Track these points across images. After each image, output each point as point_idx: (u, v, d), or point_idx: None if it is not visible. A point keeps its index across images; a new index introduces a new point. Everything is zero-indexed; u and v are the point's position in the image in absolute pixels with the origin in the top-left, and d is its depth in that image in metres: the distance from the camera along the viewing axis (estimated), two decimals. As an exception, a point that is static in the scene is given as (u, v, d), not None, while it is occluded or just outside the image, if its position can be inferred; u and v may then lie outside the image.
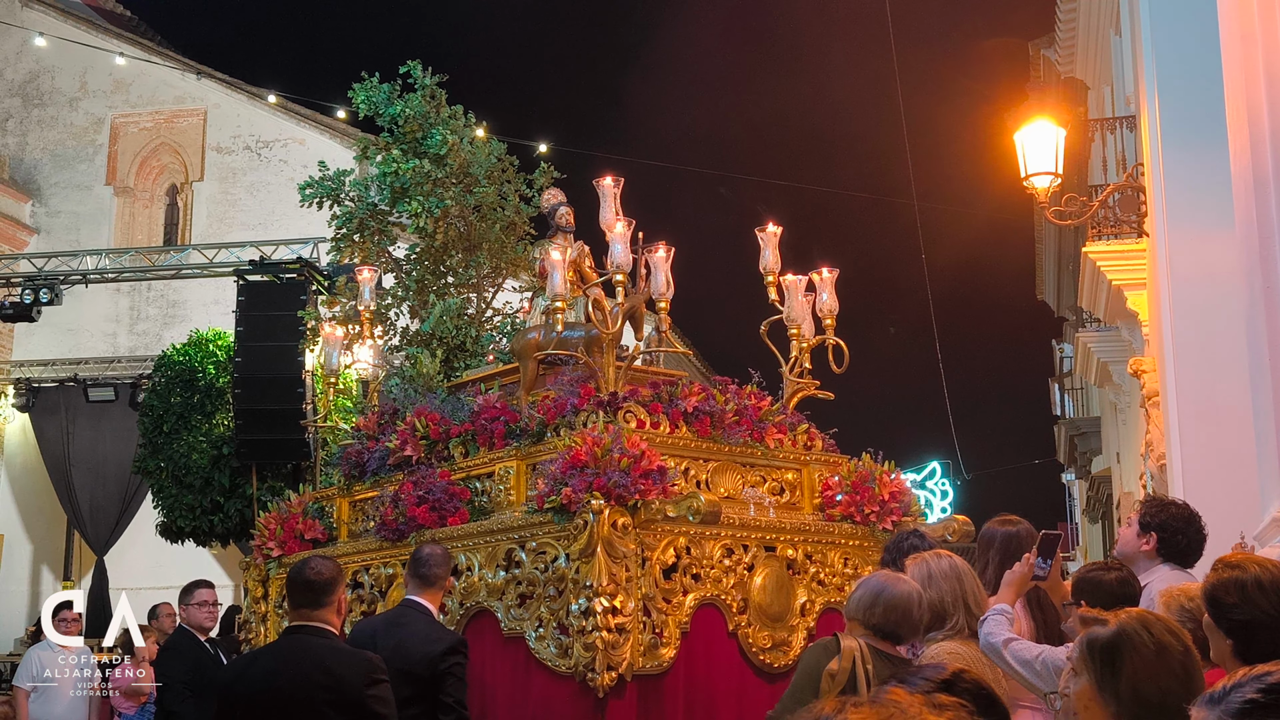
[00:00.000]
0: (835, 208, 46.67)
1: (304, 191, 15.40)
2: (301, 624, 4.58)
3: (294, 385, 14.74)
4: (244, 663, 4.95)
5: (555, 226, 7.69)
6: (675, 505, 5.64)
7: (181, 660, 7.54)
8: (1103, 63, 15.59)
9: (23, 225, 21.63)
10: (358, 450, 7.36)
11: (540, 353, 6.84)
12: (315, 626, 4.55)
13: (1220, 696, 1.98)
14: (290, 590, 4.71)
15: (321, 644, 4.52)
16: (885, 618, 4.28)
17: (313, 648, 4.50)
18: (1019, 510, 5.34)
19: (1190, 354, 9.28)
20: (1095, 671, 2.68)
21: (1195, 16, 9.52)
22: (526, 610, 5.89)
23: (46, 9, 22.13)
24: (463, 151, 14.42)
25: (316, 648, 4.50)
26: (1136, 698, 2.64)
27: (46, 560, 21.34)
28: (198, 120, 21.86)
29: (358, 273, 8.76)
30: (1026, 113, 10.13)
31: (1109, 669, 2.67)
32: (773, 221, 6.98)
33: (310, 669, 4.42)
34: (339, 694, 4.37)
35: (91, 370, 20.32)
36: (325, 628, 4.56)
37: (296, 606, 4.63)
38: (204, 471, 16.36)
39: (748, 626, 6.01)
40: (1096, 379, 16.31)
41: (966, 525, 6.45)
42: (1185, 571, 4.95)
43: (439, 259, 14.43)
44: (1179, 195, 9.41)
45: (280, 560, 7.33)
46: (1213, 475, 8.82)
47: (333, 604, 4.59)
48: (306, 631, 4.55)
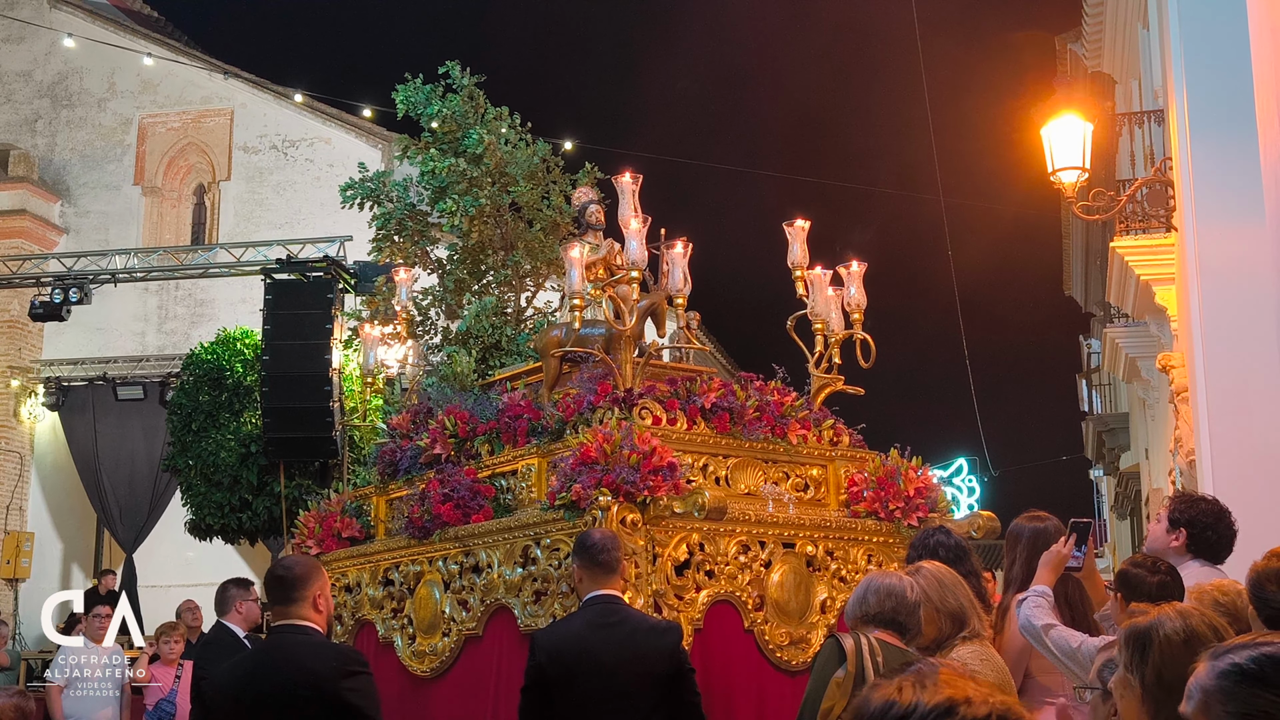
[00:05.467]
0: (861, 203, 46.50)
1: (345, 193, 15.50)
2: (282, 623, 4.58)
3: (321, 383, 14.80)
4: (229, 667, 4.95)
5: (586, 224, 7.71)
6: (682, 501, 5.63)
7: (223, 655, 7.56)
8: (1130, 57, 15.51)
9: (52, 225, 21.76)
10: (392, 449, 7.41)
11: (559, 350, 6.86)
12: (294, 625, 4.54)
13: (1220, 653, 2.01)
14: (266, 590, 4.72)
15: (299, 640, 4.51)
16: (880, 606, 4.31)
17: (291, 645, 4.51)
18: (1047, 507, 5.32)
19: (1219, 349, 9.22)
20: (1126, 656, 2.73)
21: (1224, 10, 9.46)
22: (542, 607, 5.88)
23: (75, 10, 22.25)
24: (499, 151, 14.49)
25: (294, 644, 4.50)
26: (1159, 682, 2.66)
27: (77, 558, 21.48)
28: (224, 120, 21.95)
29: (395, 273, 8.79)
30: (1053, 107, 10.08)
31: (1138, 654, 2.71)
32: (801, 216, 6.98)
33: (287, 666, 4.43)
34: (315, 689, 4.37)
35: (120, 369, 20.45)
36: (304, 624, 4.54)
37: (273, 604, 4.64)
38: (232, 469, 16.46)
39: (764, 624, 5.97)
40: (1125, 374, 16.23)
41: (992, 521, 6.42)
42: (1215, 568, 4.92)
43: (477, 258, 14.49)
44: (1208, 189, 9.35)
45: (319, 558, 7.36)
46: (1243, 470, 8.77)
47: (307, 599, 4.55)
48: (285, 630, 4.56)
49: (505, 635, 6.09)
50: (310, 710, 4.36)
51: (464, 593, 6.41)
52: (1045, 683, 4.94)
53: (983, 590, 4.95)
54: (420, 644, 6.62)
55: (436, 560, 6.63)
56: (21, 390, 21.08)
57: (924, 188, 43.77)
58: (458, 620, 6.41)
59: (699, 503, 5.56)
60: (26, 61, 22.62)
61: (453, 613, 6.45)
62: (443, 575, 6.57)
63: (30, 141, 22.31)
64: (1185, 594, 4.24)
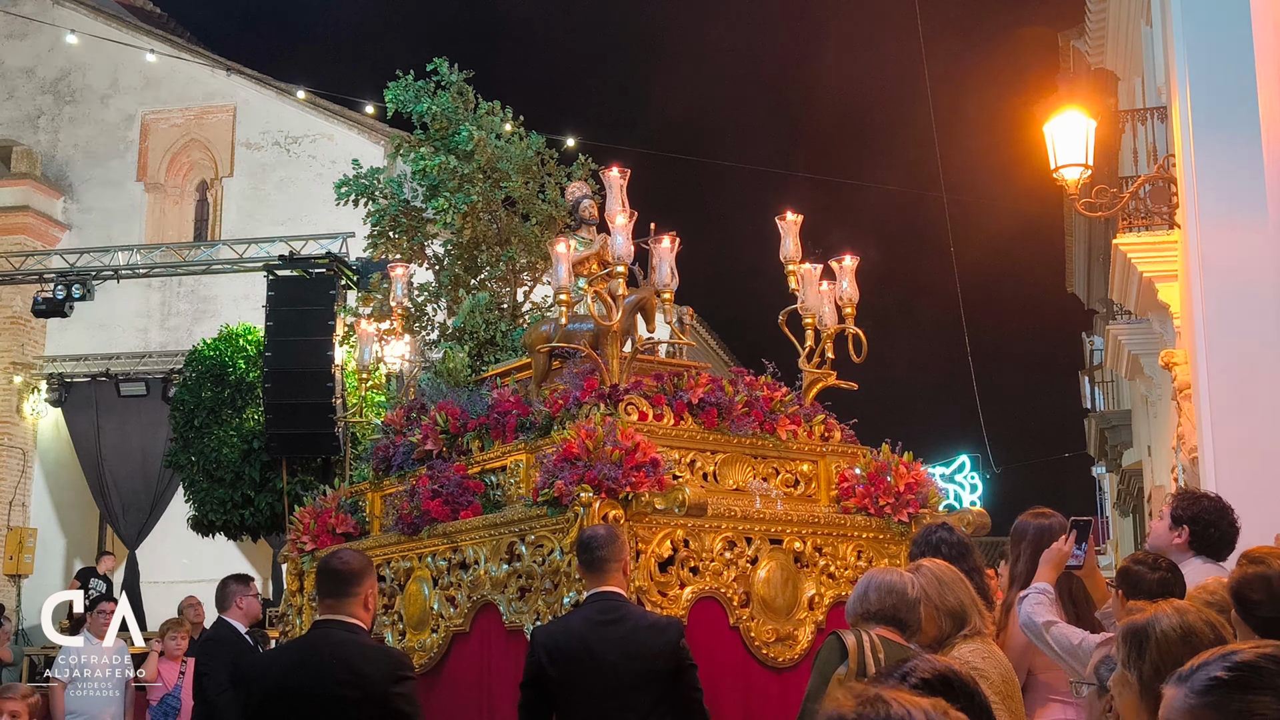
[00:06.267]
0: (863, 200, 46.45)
1: (339, 189, 15.49)
2: (328, 618, 4.50)
3: (323, 379, 14.81)
4: (270, 657, 4.87)
5: (579, 219, 7.69)
6: (663, 498, 5.59)
7: (225, 651, 7.55)
8: (1133, 53, 15.46)
9: (55, 222, 21.76)
10: (385, 445, 7.39)
11: (547, 345, 6.83)
12: (342, 621, 4.47)
13: (1188, 675, 1.95)
14: (318, 581, 4.67)
15: (348, 639, 4.44)
16: (881, 603, 4.29)
17: (339, 643, 4.42)
18: (1049, 504, 5.29)
19: (1222, 346, 9.20)
20: (1124, 653, 2.72)
21: (1227, 7, 9.44)
22: (526, 603, 5.87)
23: (78, 6, 22.22)
24: (490, 146, 14.47)
25: (342, 643, 4.42)
26: (1157, 677, 2.62)
27: (80, 554, 21.48)
28: (227, 117, 21.93)
29: (391, 269, 8.77)
30: (1056, 104, 10.07)
31: (1135, 651, 2.70)
32: (792, 210, 6.92)
33: (335, 665, 4.35)
34: (363, 691, 4.30)
35: (123, 365, 20.44)
36: (353, 622, 4.47)
37: (323, 598, 4.57)
38: (234, 466, 16.46)
39: (750, 620, 5.93)
40: (1127, 371, 16.18)
41: (982, 517, 6.38)
42: (1218, 565, 4.90)
43: (471, 254, 14.47)
44: (1210, 186, 9.33)
45: (314, 554, 7.34)
46: (1245, 467, 8.76)
47: (359, 597, 4.51)
48: (333, 626, 4.47)
49: (492, 632, 6.07)
50: (354, 712, 4.30)
51: (452, 589, 6.39)
52: (1046, 680, 4.91)
53: (985, 587, 4.91)
54: (410, 640, 6.60)
55: (426, 556, 6.61)
56: (24, 386, 21.10)
57: (926, 184, 43.81)
58: (446, 617, 6.40)
59: (680, 499, 5.52)
60: (29, 58, 22.62)
61: (441, 609, 6.44)
62: (431, 571, 6.56)
63: (33, 138, 22.31)
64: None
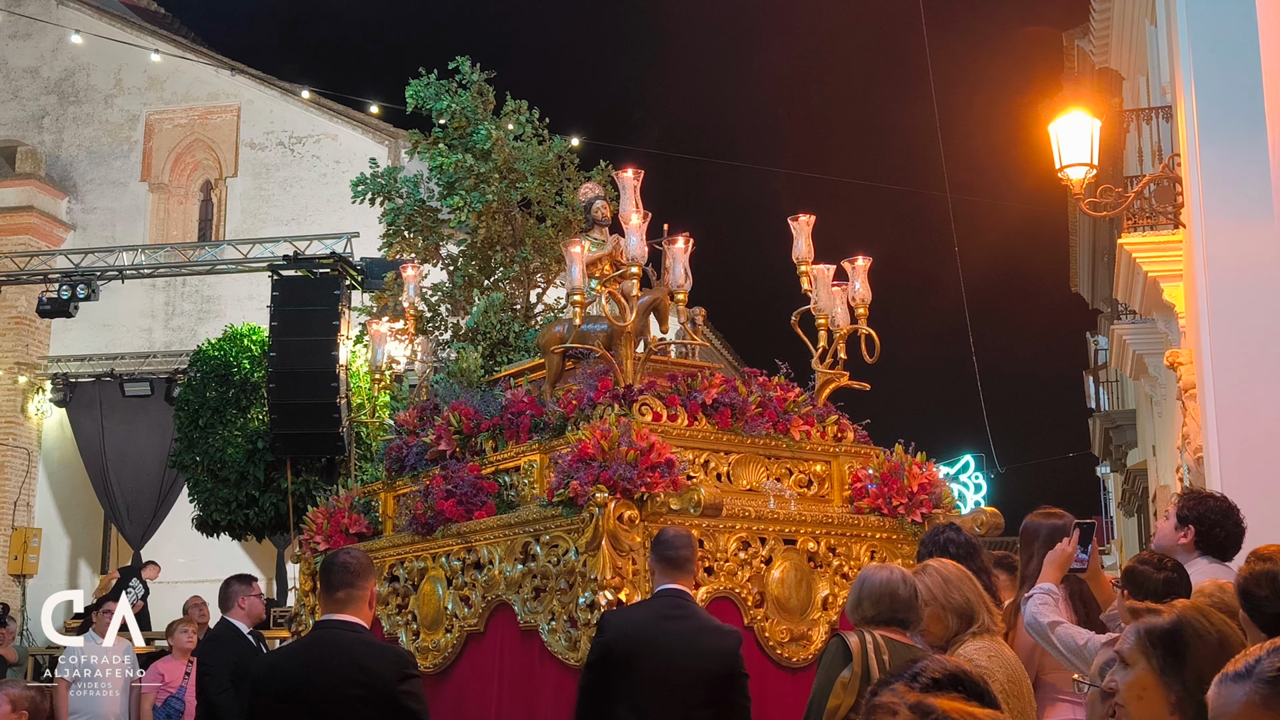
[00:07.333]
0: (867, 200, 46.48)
1: (356, 188, 15.52)
2: (332, 618, 4.51)
3: (328, 379, 14.83)
4: (276, 657, 4.88)
5: (592, 220, 7.72)
6: (678, 498, 5.62)
7: (226, 651, 7.57)
8: (1138, 53, 15.46)
9: (59, 222, 21.79)
10: (399, 445, 7.41)
11: (560, 346, 6.85)
12: (345, 620, 4.48)
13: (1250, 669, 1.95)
14: (321, 580, 4.67)
15: (353, 638, 4.45)
16: (875, 606, 4.31)
17: (344, 642, 4.44)
18: (1054, 504, 5.28)
19: (1227, 345, 9.19)
20: (1158, 659, 2.61)
21: (1232, 6, 9.43)
22: (540, 603, 5.89)
23: (82, 6, 22.24)
24: (508, 147, 14.50)
25: (348, 642, 4.43)
26: (1202, 685, 2.59)
27: (84, 554, 21.52)
28: (231, 117, 21.96)
29: (403, 269, 8.79)
30: (1061, 103, 10.05)
31: (1173, 656, 2.60)
32: (805, 211, 6.95)
33: (342, 664, 4.36)
34: (371, 689, 4.31)
35: (127, 365, 20.47)
36: (355, 621, 4.49)
37: (326, 594, 4.57)
38: (239, 465, 16.47)
39: (764, 620, 5.96)
40: (1132, 371, 16.18)
41: (996, 517, 6.39)
42: (1224, 565, 4.88)
43: (486, 255, 14.50)
44: (1216, 186, 9.33)
45: (325, 554, 7.36)
46: (1251, 467, 8.74)
47: (364, 596, 4.52)
48: (337, 625, 4.49)
49: (506, 632, 6.09)
50: (363, 711, 4.31)
51: (466, 589, 6.42)
52: (1052, 680, 4.92)
53: (993, 586, 4.92)
54: (424, 640, 6.62)
55: (440, 556, 6.64)
56: (29, 386, 21.13)
57: (931, 184, 43.78)
58: (460, 617, 6.42)
59: (695, 499, 5.56)
60: (34, 58, 22.64)
61: (455, 609, 6.46)
62: (445, 571, 6.58)
63: (37, 138, 22.33)
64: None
